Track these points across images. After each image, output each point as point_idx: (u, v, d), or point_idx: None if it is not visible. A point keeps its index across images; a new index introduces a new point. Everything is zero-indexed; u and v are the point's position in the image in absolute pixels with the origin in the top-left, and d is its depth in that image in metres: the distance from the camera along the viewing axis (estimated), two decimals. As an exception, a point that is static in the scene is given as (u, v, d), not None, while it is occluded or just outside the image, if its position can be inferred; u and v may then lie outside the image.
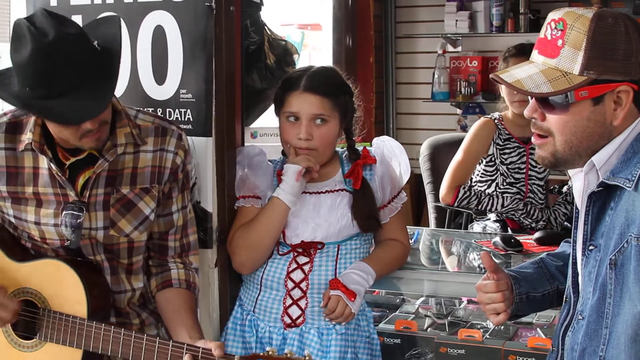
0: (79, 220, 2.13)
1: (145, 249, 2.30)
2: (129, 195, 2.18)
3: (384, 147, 2.58)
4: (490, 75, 1.79)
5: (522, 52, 3.35)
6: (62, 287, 2.12)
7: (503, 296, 1.96)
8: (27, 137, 2.12)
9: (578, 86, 1.66)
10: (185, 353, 1.96)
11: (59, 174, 2.11)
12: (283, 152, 2.58)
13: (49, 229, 2.17)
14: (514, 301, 1.98)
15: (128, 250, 2.24)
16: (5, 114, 2.20)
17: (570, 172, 1.83)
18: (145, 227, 2.23)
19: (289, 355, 1.86)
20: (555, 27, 1.71)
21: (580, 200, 1.80)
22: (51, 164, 2.10)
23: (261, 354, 1.90)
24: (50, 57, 1.91)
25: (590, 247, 1.74)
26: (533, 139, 1.81)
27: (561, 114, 1.71)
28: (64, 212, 2.13)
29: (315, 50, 5.89)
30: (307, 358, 1.85)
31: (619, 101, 1.68)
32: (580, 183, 1.78)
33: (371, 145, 2.60)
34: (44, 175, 2.14)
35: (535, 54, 1.77)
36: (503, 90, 3.55)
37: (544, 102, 1.73)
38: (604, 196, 1.71)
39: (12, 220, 2.21)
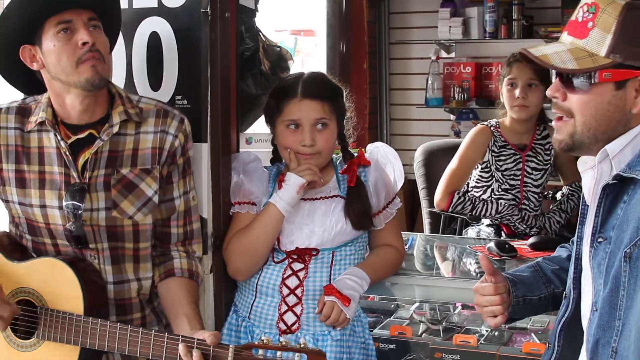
0: (81, 205, 2.16)
1: (153, 236, 2.30)
2: (129, 176, 2.22)
3: (378, 153, 2.59)
4: (520, 49, 1.82)
5: (527, 59, 3.33)
6: (58, 284, 2.13)
7: (501, 299, 1.98)
8: (39, 116, 2.20)
9: (602, 67, 1.70)
10: (180, 343, 1.96)
11: (67, 153, 2.17)
12: (272, 160, 2.59)
13: (54, 212, 2.20)
14: (510, 304, 1.99)
15: (134, 234, 2.25)
16: (15, 101, 2.31)
17: (580, 168, 1.85)
18: (149, 209, 2.25)
19: (284, 343, 1.87)
20: (588, 10, 1.74)
21: (589, 195, 1.81)
22: (60, 142, 2.17)
23: (256, 342, 1.90)
24: None
25: (600, 240, 1.75)
26: (553, 122, 1.83)
27: (583, 94, 1.74)
28: (67, 197, 2.17)
29: (308, 56, 5.90)
30: (302, 346, 1.86)
31: None
32: (589, 179, 1.80)
33: (365, 151, 2.61)
34: (50, 154, 2.21)
35: (564, 35, 1.80)
36: (504, 95, 3.55)
37: (567, 82, 1.76)
38: (617, 189, 1.73)
39: (17, 207, 2.24)
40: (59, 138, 2.18)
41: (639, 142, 1.72)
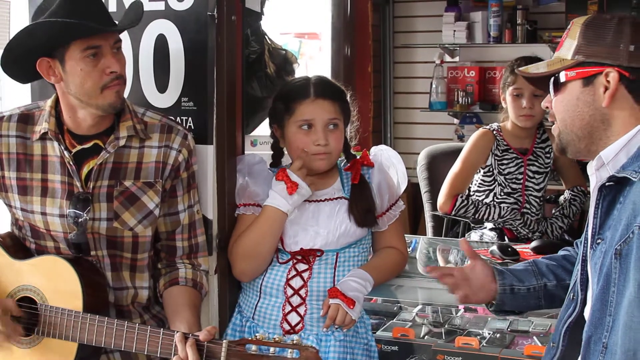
0: (83, 213, 2.18)
1: (152, 247, 2.33)
2: (131, 189, 2.23)
3: (382, 155, 2.61)
4: (516, 70, 2.07)
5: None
6: (59, 281, 2.15)
7: (458, 275, 2.16)
8: (42, 127, 2.22)
9: (567, 67, 1.86)
10: (177, 333, 1.99)
11: (70, 163, 2.19)
12: (272, 164, 2.59)
13: (54, 220, 2.22)
14: (496, 292, 2.12)
15: (133, 245, 2.27)
16: (18, 107, 2.32)
17: (589, 172, 1.92)
18: (150, 222, 2.27)
19: (277, 339, 1.89)
20: (567, 28, 1.91)
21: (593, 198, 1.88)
22: (64, 152, 2.19)
23: (250, 338, 1.93)
24: None
25: (598, 241, 1.81)
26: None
27: (557, 96, 1.89)
28: (70, 205, 2.19)
29: (312, 59, 5.91)
30: (295, 342, 1.88)
31: (609, 85, 1.81)
32: (594, 184, 1.87)
33: (369, 154, 2.63)
34: (54, 162, 2.22)
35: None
36: (509, 103, 3.56)
37: (554, 91, 1.91)
38: (614, 191, 1.79)
39: (19, 213, 2.26)
40: (62, 148, 2.20)
41: (633, 146, 1.80)
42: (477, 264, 2.16)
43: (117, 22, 2.22)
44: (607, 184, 1.79)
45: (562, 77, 1.87)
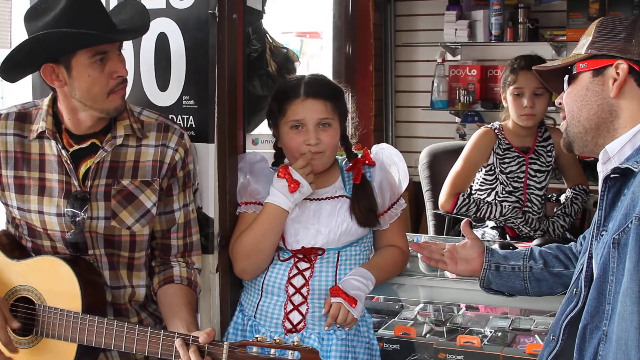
0: (81, 212, 2.18)
1: (149, 246, 2.33)
2: (129, 187, 2.24)
3: (383, 154, 2.61)
4: (533, 68, 2.11)
5: (532, 64, 3.26)
6: (57, 282, 2.15)
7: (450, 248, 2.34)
8: (39, 125, 2.21)
9: (579, 59, 1.91)
10: (177, 338, 1.98)
11: (68, 162, 2.18)
12: (274, 164, 2.60)
13: (51, 219, 2.22)
14: (481, 268, 2.26)
15: (130, 244, 2.28)
16: (15, 105, 2.31)
17: (598, 169, 1.93)
18: (147, 221, 2.28)
19: (277, 340, 1.89)
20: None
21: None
22: (61, 151, 2.19)
23: (250, 340, 1.92)
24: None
25: (602, 232, 1.82)
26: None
27: (568, 88, 1.94)
28: (67, 204, 2.19)
29: (314, 58, 5.92)
30: (295, 343, 1.88)
31: (618, 77, 1.85)
32: (601, 178, 1.89)
33: (371, 152, 2.62)
34: (51, 161, 2.22)
35: None
36: (509, 102, 3.56)
37: (567, 85, 1.95)
38: (619, 183, 1.81)
39: (16, 212, 2.26)
40: (60, 147, 2.20)
41: (638, 140, 1.81)
42: (470, 241, 2.29)
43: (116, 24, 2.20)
44: (611, 175, 1.80)
45: (574, 69, 1.91)
